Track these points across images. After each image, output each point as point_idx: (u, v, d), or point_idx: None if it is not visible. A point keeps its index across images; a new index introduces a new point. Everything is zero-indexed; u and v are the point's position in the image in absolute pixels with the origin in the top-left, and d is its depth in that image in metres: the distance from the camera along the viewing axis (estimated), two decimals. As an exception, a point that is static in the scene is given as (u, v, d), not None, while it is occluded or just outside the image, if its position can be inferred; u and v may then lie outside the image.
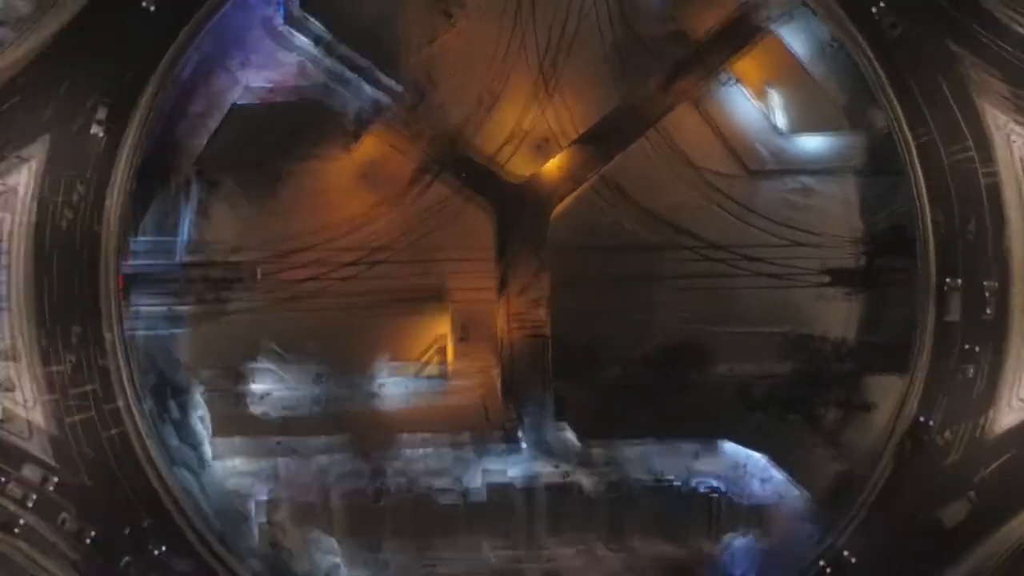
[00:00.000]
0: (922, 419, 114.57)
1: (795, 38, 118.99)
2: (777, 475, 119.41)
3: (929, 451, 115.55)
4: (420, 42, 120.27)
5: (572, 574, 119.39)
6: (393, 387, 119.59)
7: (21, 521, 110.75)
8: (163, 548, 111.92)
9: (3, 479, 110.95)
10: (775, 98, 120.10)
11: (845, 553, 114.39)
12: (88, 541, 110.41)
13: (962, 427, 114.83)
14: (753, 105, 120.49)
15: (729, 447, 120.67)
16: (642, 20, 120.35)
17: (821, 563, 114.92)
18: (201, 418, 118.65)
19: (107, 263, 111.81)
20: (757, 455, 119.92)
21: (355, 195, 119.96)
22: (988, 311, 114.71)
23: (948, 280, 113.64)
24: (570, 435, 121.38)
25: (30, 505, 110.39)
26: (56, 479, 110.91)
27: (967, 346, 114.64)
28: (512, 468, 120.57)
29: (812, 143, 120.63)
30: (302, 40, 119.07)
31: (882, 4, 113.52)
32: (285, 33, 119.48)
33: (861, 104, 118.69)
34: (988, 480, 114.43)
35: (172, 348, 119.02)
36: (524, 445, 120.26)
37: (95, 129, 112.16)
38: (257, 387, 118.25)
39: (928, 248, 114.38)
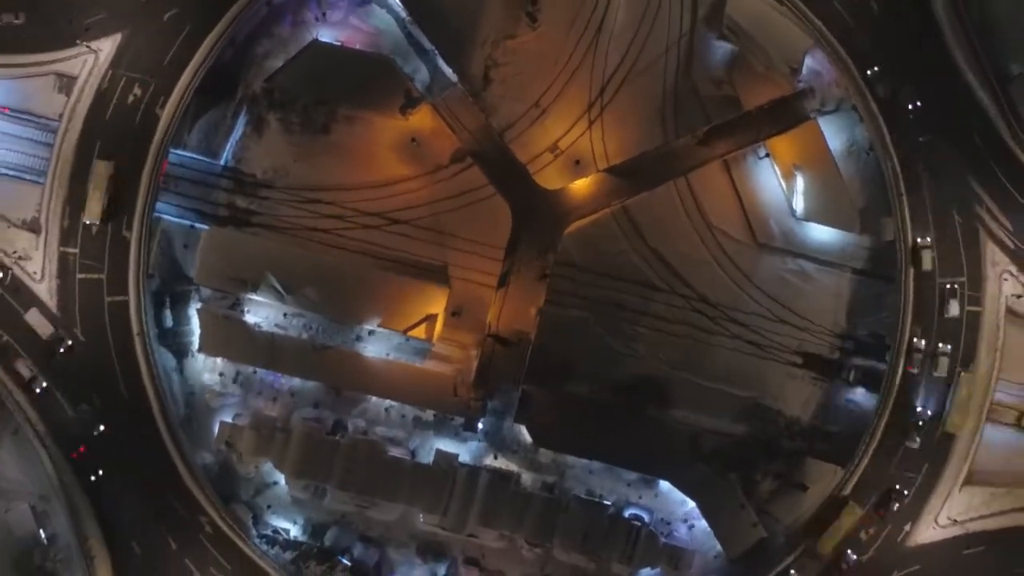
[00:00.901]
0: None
1: (834, 133, 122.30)
2: (702, 524, 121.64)
3: (848, 544, 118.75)
4: (498, 36, 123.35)
5: (489, 557, 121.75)
6: (378, 338, 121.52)
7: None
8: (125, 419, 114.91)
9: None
10: (800, 182, 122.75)
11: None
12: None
13: (884, 530, 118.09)
14: (778, 183, 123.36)
15: (666, 487, 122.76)
16: (704, 77, 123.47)
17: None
18: (198, 311, 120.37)
19: (159, 145, 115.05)
20: (690, 502, 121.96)
21: (398, 156, 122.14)
22: (937, 433, 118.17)
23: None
24: (524, 434, 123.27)
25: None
26: (53, 325, 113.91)
27: (908, 459, 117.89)
28: (464, 451, 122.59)
29: (822, 234, 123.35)
30: (394, 0, 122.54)
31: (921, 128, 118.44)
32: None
33: (876, 212, 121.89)
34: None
35: (189, 243, 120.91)
36: (480, 427, 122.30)
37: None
38: (256, 298, 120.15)
39: (900, 359, 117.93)
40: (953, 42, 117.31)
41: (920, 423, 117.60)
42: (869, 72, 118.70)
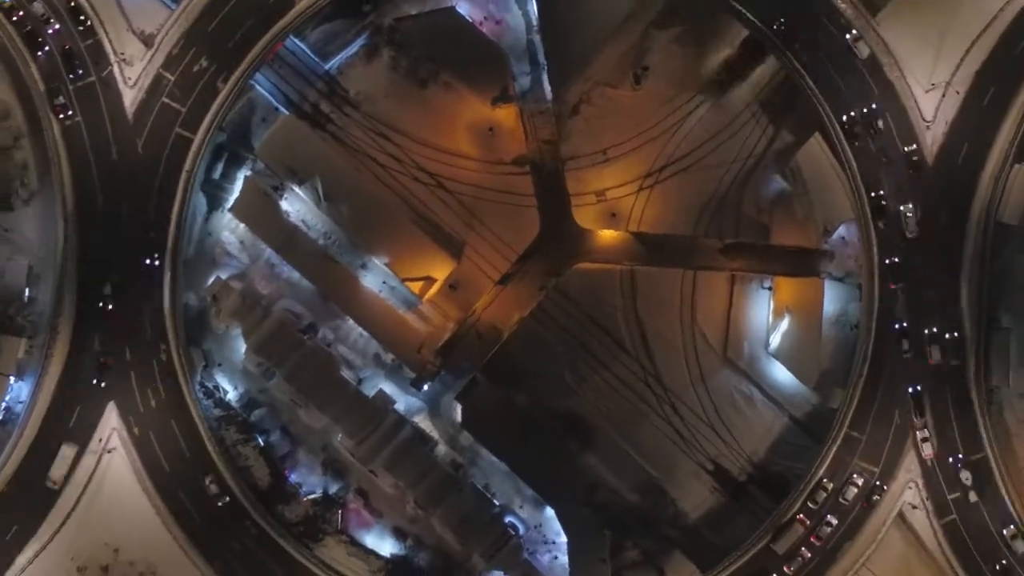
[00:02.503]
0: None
1: (833, 298, 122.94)
2: (563, 561, 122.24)
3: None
4: (601, 79, 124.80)
5: (378, 497, 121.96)
6: (379, 274, 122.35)
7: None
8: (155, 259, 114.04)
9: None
10: (785, 323, 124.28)
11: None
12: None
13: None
14: (767, 315, 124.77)
15: (551, 515, 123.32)
16: (750, 199, 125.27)
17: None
18: (246, 177, 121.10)
19: (282, 27, 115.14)
20: (564, 536, 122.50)
21: (471, 135, 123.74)
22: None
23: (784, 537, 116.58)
24: (458, 413, 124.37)
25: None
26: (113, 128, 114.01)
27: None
28: (402, 401, 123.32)
29: (781, 374, 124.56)
30: (532, 8, 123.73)
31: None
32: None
33: (835, 379, 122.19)
34: None
35: (267, 118, 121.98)
36: (425, 388, 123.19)
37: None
38: (297, 191, 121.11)
39: (790, 508, 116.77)
40: (967, 274, 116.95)
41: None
42: (887, 261, 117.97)
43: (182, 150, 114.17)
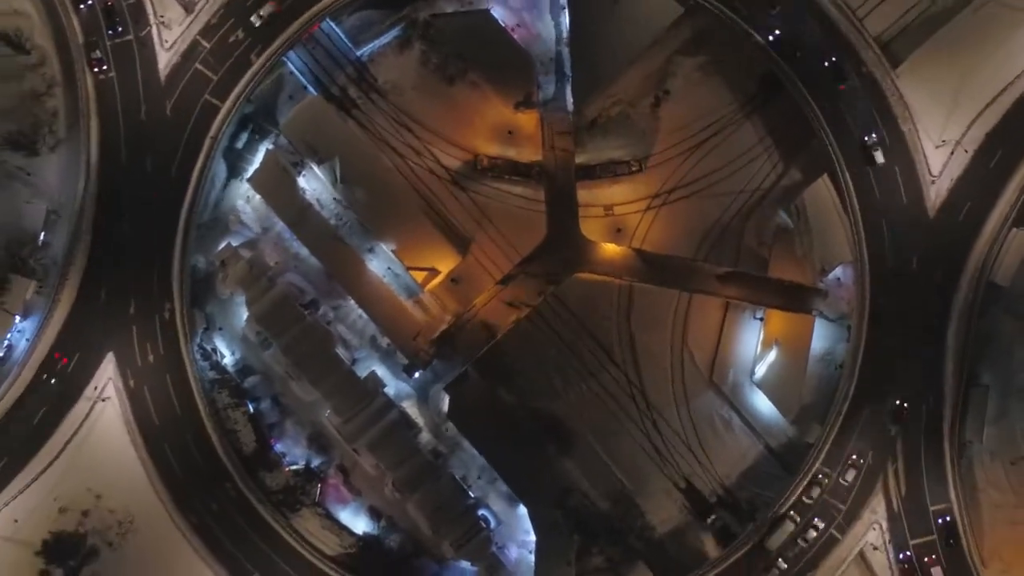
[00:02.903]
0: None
1: (821, 336, 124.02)
2: (530, 560, 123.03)
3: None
4: (623, 98, 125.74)
5: (358, 475, 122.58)
6: (385, 260, 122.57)
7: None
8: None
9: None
10: (772, 355, 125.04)
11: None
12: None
13: None
14: (756, 345, 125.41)
15: (523, 512, 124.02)
16: (753, 230, 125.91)
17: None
18: (268, 150, 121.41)
19: (321, 10, 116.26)
20: (533, 536, 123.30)
21: (491, 136, 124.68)
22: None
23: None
24: (445, 403, 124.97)
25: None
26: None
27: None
28: (392, 385, 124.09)
29: (761, 404, 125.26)
30: (565, 21, 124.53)
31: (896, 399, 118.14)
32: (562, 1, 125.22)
33: (814, 414, 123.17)
34: None
35: (295, 96, 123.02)
36: (417, 376, 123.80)
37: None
38: (316, 170, 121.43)
39: (756, 534, 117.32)
40: (952, 332, 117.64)
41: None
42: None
43: (209, 116, 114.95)
